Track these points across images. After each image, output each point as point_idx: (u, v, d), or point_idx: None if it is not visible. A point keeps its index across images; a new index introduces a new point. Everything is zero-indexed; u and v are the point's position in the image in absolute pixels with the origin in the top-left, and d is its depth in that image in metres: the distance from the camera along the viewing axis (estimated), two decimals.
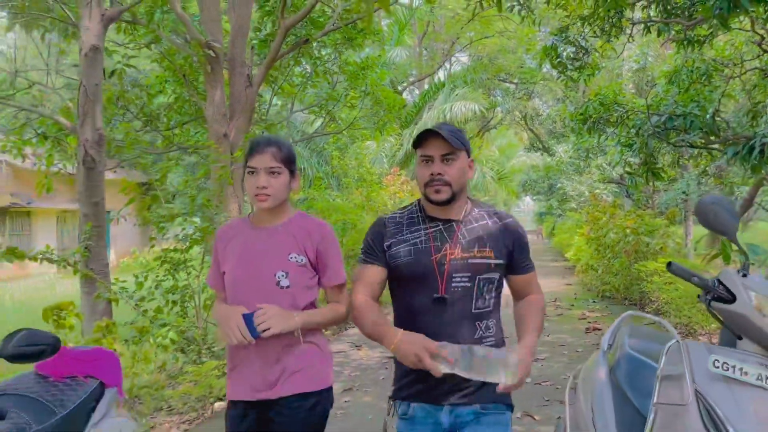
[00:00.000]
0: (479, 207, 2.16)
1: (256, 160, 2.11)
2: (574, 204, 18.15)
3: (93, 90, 5.50)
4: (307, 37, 8.46)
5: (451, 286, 1.99)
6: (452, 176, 2.00)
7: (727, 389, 1.78)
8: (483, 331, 2.03)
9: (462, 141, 2.03)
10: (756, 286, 1.86)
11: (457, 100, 15.93)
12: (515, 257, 2.10)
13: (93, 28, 5.43)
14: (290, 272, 2.14)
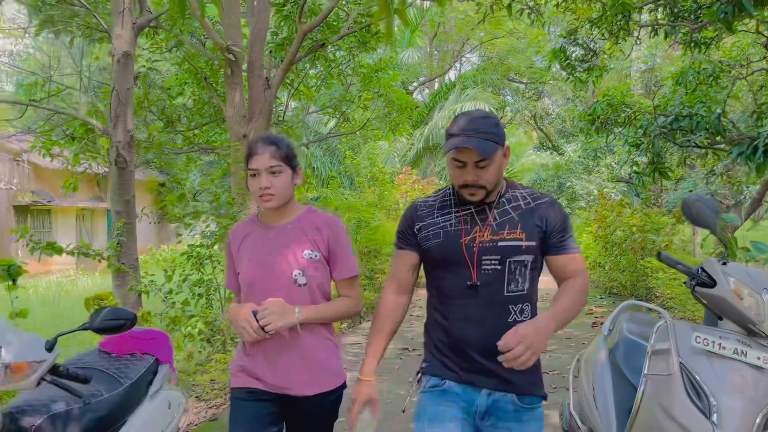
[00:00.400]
0: (515, 188, 2.06)
1: (256, 161, 2.10)
2: (583, 203, 18.34)
3: (125, 94, 5.81)
4: (323, 41, 8.76)
5: (482, 269, 1.93)
6: (488, 180, 1.92)
7: (708, 361, 2.06)
8: (517, 315, 1.95)
9: (495, 141, 1.90)
10: (734, 273, 2.13)
11: (467, 101, 16.21)
12: (550, 237, 1.97)
13: (125, 35, 5.75)
14: (306, 269, 2.15)
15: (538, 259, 1.99)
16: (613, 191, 17.43)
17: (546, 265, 2.03)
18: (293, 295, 2.12)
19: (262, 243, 2.20)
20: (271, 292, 2.11)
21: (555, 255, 1.98)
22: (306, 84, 10.28)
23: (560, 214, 2.00)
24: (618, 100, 10.44)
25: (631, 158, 11.28)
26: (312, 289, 2.16)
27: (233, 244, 2.27)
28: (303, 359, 2.15)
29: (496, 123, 1.95)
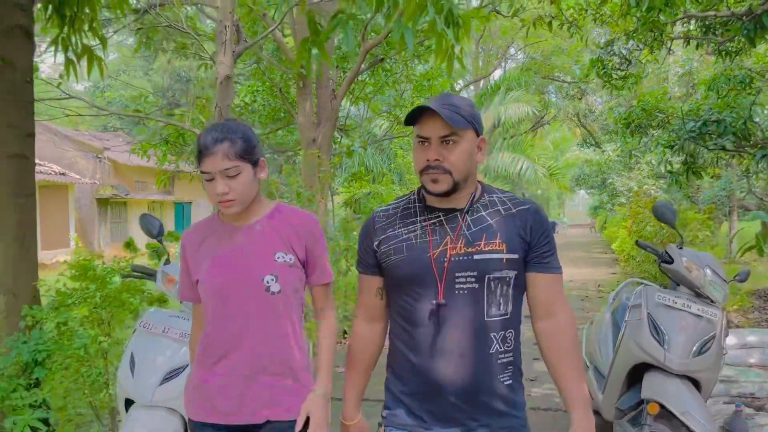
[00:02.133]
0: (492, 193, 1.77)
1: (208, 164, 1.75)
2: (624, 199, 19.06)
3: (225, 109, 7.07)
4: (383, 57, 9.91)
5: (455, 288, 1.63)
6: (453, 162, 1.63)
7: (665, 311, 3.12)
8: (499, 344, 1.65)
9: (468, 118, 1.64)
10: (686, 255, 3.19)
11: (511, 102, 17.14)
12: (532, 250, 1.68)
13: (226, 61, 7.00)
14: (280, 275, 1.83)
15: (521, 276, 1.68)
16: (653, 188, 18.11)
17: (525, 284, 1.72)
18: (265, 305, 1.83)
19: (227, 244, 1.87)
20: (239, 303, 1.83)
21: (536, 272, 1.69)
22: (364, 93, 11.45)
23: (545, 224, 1.71)
24: (652, 106, 11.22)
25: (665, 159, 12.09)
26: (287, 297, 1.85)
27: (188, 247, 1.92)
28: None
29: (470, 104, 1.69)
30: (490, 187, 1.80)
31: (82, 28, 4.56)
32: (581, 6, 10.35)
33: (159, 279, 3.03)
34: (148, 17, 8.44)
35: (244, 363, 1.84)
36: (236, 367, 1.84)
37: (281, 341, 1.86)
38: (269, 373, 1.85)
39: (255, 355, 1.84)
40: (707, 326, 3.05)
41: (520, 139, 18.27)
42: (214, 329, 1.87)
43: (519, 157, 16.95)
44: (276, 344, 1.85)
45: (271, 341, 1.85)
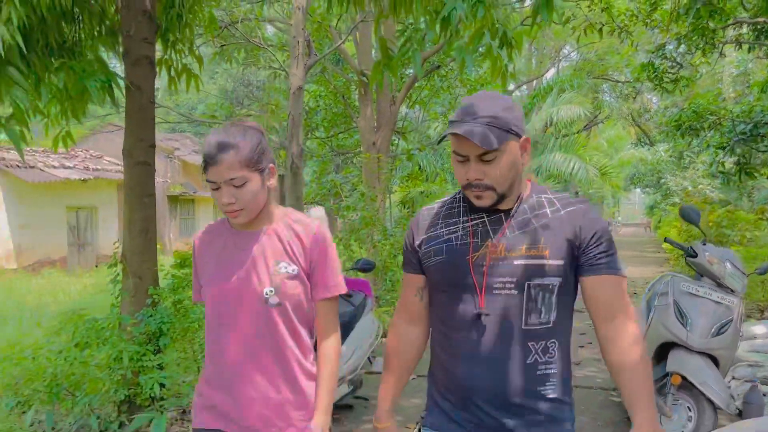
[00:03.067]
0: (541, 193, 1.66)
1: (213, 174, 1.70)
2: (677, 198, 19.07)
3: (297, 118, 7.80)
4: (439, 64, 10.50)
5: (492, 295, 1.56)
6: (496, 178, 1.53)
7: (689, 298, 3.63)
8: (539, 354, 1.56)
9: (506, 128, 1.50)
10: (708, 250, 3.69)
11: (563, 103, 17.43)
12: (583, 253, 1.56)
13: (298, 74, 7.73)
14: (280, 287, 1.76)
15: (568, 283, 1.58)
16: (708, 187, 18.10)
17: (581, 288, 1.62)
18: (264, 318, 1.76)
19: (230, 251, 1.82)
20: (237, 313, 1.77)
21: (589, 275, 1.57)
22: (421, 97, 12.07)
23: (598, 224, 1.58)
24: (703, 108, 11.41)
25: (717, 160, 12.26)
26: (286, 311, 1.77)
27: (197, 249, 1.90)
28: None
29: (507, 107, 1.53)
30: (541, 187, 1.68)
31: (182, 51, 5.32)
32: (632, 12, 10.66)
33: None
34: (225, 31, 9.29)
35: (243, 376, 1.77)
36: (235, 379, 1.77)
37: (279, 355, 1.77)
38: (269, 386, 1.77)
39: (252, 368, 1.77)
40: (726, 311, 3.56)
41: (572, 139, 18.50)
42: (214, 338, 1.82)
43: (571, 157, 17.21)
44: (274, 358, 1.77)
45: (269, 354, 1.77)
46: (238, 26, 8.72)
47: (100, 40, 4.79)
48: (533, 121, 18.02)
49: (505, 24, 4.34)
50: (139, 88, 4.39)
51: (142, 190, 4.41)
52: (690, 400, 3.48)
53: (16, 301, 10.24)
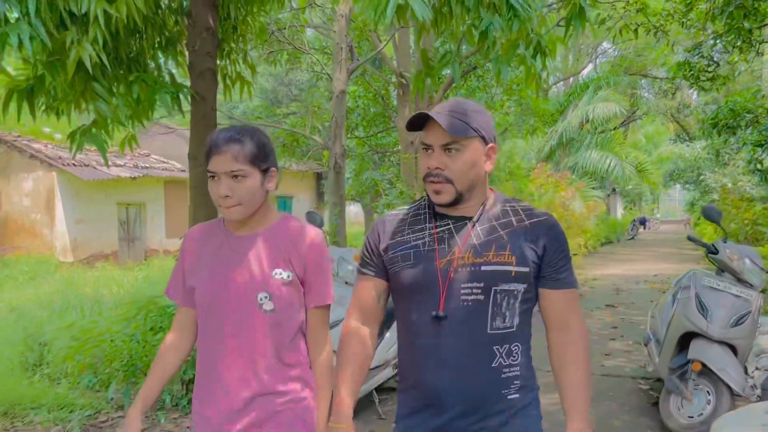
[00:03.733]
0: (505, 202, 1.69)
1: (215, 163, 1.70)
2: (716, 195, 18.94)
3: (340, 120, 8.23)
4: (476, 65, 10.79)
5: (460, 300, 1.57)
6: (455, 171, 1.57)
7: (710, 291, 3.92)
8: (504, 357, 1.59)
9: (473, 126, 1.57)
10: (729, 247, 3.97)
11: (599, 101, 17.51)
12: (545, 266, 1.62)
13: (341, 78, 8.15)
14: (275, 293, 1.74)
15: (531, 290, 1.62)
16: (748, 184, 17.95)
17: (538, 300, 1.67)
18: (257, 324, 1.73)
19: (225, 254, 1.78)
20: (229, 318, 1.74)
21: (548, 289, 1.64)
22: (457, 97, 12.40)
23: (561, 239, 1.65)
24: (740, 106, 11.44)
25: (755, 158, 12.26)
26: (280, 318, 1.75)
27: (188, 249, 1.85)
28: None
29: (477, 110, 1.61)
30: (505, 197, 1.71)
31: (236, 60, 5.76)
32: (668, 12, 10.77)
33: None
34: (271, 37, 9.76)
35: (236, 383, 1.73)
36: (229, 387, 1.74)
37: (272, 362, 1.74)
38: (263, 393, 1.73)
39: (245, 375, 1.73)
40: (744, 304, 3.83)
41: (608, 136, 18.55)
42: (206, 344, 1.79)
43: (607, 154, 17.29)
44: (266, 365, 1.73)
45: (260, 361, 1.73)
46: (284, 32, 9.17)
47: (161, 49, 5.25)
48: (569, 118, 18.14)
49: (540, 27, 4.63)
50: (203, 98, 4.84)
51: (206, 190, 4.85)
52: (709, 385, 3.78)
53: (76, 291, 10.89)
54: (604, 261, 16.07)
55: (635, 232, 27.33)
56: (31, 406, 4.60)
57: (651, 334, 4.67)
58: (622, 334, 7.01)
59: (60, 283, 11.36)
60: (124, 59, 4.79)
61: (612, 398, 4.69)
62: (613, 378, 5.25)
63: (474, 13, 4.37)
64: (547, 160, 18.49)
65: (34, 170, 15.13)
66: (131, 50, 5.03)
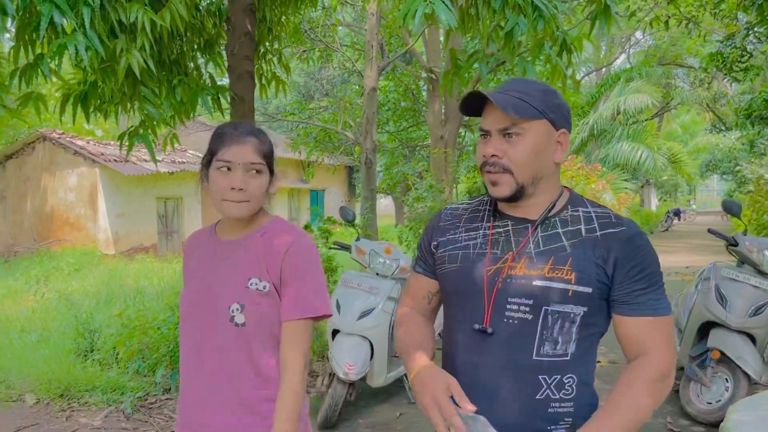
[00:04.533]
0: (578, 205, 1.42)
1: (233, 153, 1.57)
2: (752, 187, 18.67)
3: (371, 116, 8.45)
4: (504, 60, 10.89)
5: (505, 315, 1.34)
6: (515, 159, 1.35)
7: (729, 282, 4.04)
8: (552, 390, 1.34)
9: (538, 107, 1.35)
10: (748, 240, 4.08)
11: (630, 93, 17.39)
12: (618, 287, 1.33)
13: (372, 75, 8.36)
14: (247, 304, 1.59)
15: (596, 314, 1.36)
16: None
17: (613, 326, 1.41)
18: (226, 338, 1.60)
19: (208, 261, 1.69)
20: (205, 330, 1.63)
21: (623, 315, 1.35)
22: None
23: (640, 254, 1.34)
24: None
25: None
26: (250, 333, 1.60)
27: (186, 257, 1.78)
28: None
29: (546, 90, 1.39)
30: (580, 199, 1.44)
31: (272, 61, 6.02)
32: (699, 2, 10.72)
33: (353, 250, 4.38)
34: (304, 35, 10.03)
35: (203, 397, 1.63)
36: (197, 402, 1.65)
37: (239, 378, 1.61)
38: (228, 411, 1.62)
39: (212, 389, 1.62)
40: (763, 295, 3.95)
41: (640, 127, 18.40)
42: (183, 353, 1.70)
43: (638, 146, 17.18)
44: (233, 381, 1.61)
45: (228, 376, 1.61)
46: (316, 30, 9.43)
47: (200, 51, 5.53)
48: (600, 110, 18.06)
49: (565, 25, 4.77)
50: (242, 99, 5.10)
51: None
52: (728, 373, 3.92)
53: (119, 282, 11.37)
54: None
55: (669, 224, 27.02)
56: (85, 389, 4.95)
57: (674, 323, 4.79)
58: None
59: (104, 275, 11.86)
60: (166, 62, 5.08)
61: None
62: None
63: (500, 14, 4.54)
64: (578, 153, 18.44)
65: (77, 166, 15.72)
66: (173, 53, 5.33)
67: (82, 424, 4.44)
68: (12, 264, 14.08)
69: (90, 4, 3.43)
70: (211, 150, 1.64)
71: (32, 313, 7.65)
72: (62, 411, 4.71)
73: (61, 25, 3.45)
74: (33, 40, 3.47)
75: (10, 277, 11.57)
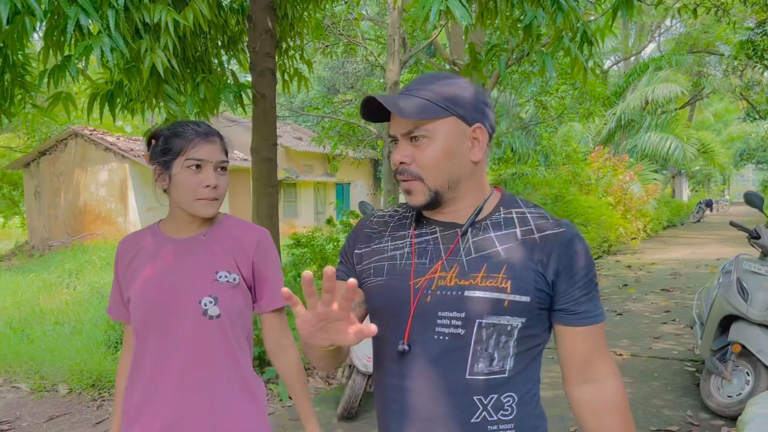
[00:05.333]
0: (511, 206, 1.27)
1: (206, 151, 1.58)
2: None
3: None
4: (528, 51, 10.82)
5: (435, 332, 1.19)
6: (424, 165, 1.20)
7: (751, 276, 4.01)
8: (489, 411, 1.19)
9: (442, 103, 1.18)
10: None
11: (659, 82, 17.10)
12: (561, 294, 1.20)
13: (394, 69, 8.39)
14: (219, 297, 1.61)
15: (535, 325, 1.21)
16: None
17: (554, 339, 1.28)
18: (202, 331, 1.60)
19: (163, 259, 1.66)
20: (173, 327, 1.60)
21: (562, 324, 1.23)
22: (512, 81, 12.42)
23: (580, 259, 1.20)
24: None
25: None
26: (225, 323, 1.62)
27: (120, 260, 1.72)
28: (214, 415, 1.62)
29: (453, 82, 1.22)
30: (513, 199, 1.30)
31: (294, 57, 6.09)
32: None
33: None
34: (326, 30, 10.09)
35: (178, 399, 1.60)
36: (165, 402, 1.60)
37: (215, 371, 1.61)
38: (202, 408, 1.60)
39: (184, 386, 1.60)
40: None
41: (668, 117, 18.09)
42: (142, 356, 1.64)
43: (667, 136, 16.91)
44: (208, 375, 1.61)
45: (202, 370, 1.60)
46: (338, 25, 9.48)
47: (224, 48, 5.63)
48: (628, 100, 17.80)
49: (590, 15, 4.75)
50: (263, 95, 5.19)
51: (267, 182, 5.23)
52: (748, 366, 3.88)
53: None
54: (665, 245, 15.79)
55: (701, 215, 26.54)
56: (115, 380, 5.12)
57: (696, 317, 4.76)
58: (674, 318, 7.05)
59: None
60: (190, 60, 5.19)
61: (657, 379, 4.82)
62: (659, 360, 5.36)
63: (518, 8, 4.54)
64: (606, 144, 18.22)
65: (108, 162, 16.06)
66: (197, 51, 5.43)
67: (112, 413, 4.59)
68: (47, 258, 14.48)
69: (114, 6, 3.53)
70: (172, 149, 1.59)
71: (66, 306, 7.89)
72: (93, 401, 4.87)
73: (87, 27, 3.55)
74: (61, 42, 3.58)
75: (45, 270, 11.90)
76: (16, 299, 8.81)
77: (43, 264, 13.40)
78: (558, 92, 12.83)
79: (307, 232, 5.37)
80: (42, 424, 4.42)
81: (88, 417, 4.53)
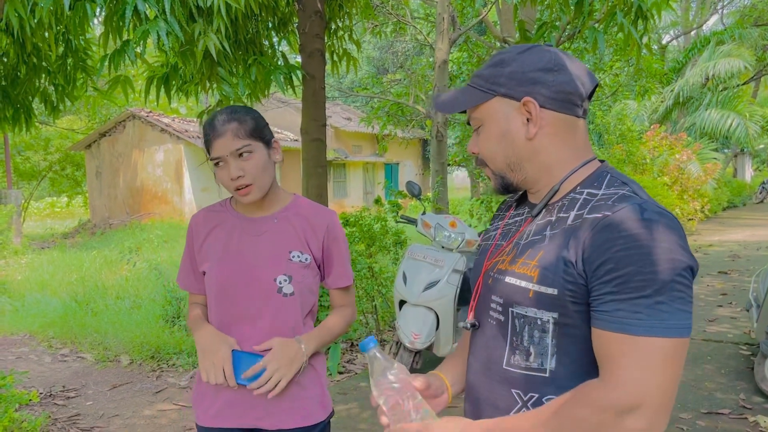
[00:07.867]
0: (590, 185, 1.11)
1: (218, 148, 1.62)
2: None
3: (442, 89, 8.43)
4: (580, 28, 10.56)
5: (488, 314, 1.19)
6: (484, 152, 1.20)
7: None
8: (527, 407, 1.10)
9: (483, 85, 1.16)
10: None
11: (720, 57, 16.40)
12: (593, 288, 1.00)
13: (443, 48, 8.33)
14: (294, 276, 1.69)
15: (578, 325, 1.05)
16: None
17: None
18: (277, 308, 1.68)
19: (239, 237, 1.73)
20: (247, 302, 1.68)
21: (597, 327, 1.00)
22: None
23: (619, 246, 0.96)
24: None
25: None
26: (299, 301, 1.70)
27: (196, 235, 1.79)
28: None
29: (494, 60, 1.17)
30: (601, 177, 1.12)
31: (343, 37, 6.13)
32: None
33: (419, 224, 4.48)
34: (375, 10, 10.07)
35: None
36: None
37: None
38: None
39: None
40: None
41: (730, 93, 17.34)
42: (215, 326, 1.71)
43: (728, 113, 16.23)
44: None
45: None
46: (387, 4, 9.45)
47: (274, 30, 5.70)
48: (687, 76, 17.15)
49: None
50: (313, 77, 5.25)
51: (317, 162, 5.31)
52: None
53: None
54: (725, 226, 15.27)
55: (764, 196, 25.47)
56: (173, 351, 5.34)
57: (753, 299, 4.64)
58: (730, 300, 6.87)
59: None
60: (242, 42, 5.29)
61: (710, 362, 4.73)
62: (713, 343, 5.25)
63: None
64: (662, 122, 17.65)
65: (164, 143, 16.52)
66: (248, 33, 5.53)
67: (170, 383, 4.81)
68: (107, 235, 15.08)
69: None
70: (207, 150, 1.68)
71: (126, 282, 8.23)
72: (153, 371, 5.11)
73: (144, 12, 3.68)
74: (119, 27, 3.72)
75: (106, 247, 12.41)
76: (80, 275, 9.24)
77: (104, 241, 13.97)
78: (612, 69, 12.48)
79: (355, 211, 5.44)
80: (106, 392, 4.67)
81: (148, 386, 4.76)
